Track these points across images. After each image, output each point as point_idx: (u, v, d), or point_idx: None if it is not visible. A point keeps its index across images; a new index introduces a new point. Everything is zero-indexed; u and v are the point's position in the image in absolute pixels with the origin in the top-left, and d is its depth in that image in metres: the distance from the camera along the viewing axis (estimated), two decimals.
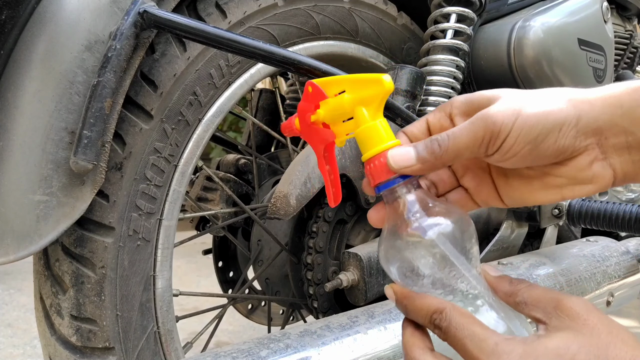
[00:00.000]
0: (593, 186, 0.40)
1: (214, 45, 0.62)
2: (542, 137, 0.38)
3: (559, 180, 0.41)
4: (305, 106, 0.45)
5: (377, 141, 0.42)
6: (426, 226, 0.40)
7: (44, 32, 0.61)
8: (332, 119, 0.44)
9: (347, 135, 0.44)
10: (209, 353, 0.58)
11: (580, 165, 0.39)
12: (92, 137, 0.59)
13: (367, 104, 0.43)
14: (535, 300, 0.39)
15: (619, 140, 0.39)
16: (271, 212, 0.80)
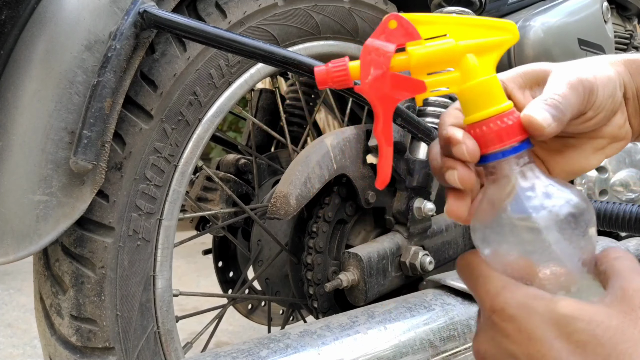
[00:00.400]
0: (624, 142, 0.43)
1: (214, 45, 0.62)
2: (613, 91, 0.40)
3: (603, 141, 0.42)
4: (380, 47, 0.35)
5: (492, 101, 0.34)
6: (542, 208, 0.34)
7: (43, 32, 0.61)
8: (420, 68, 0.36)
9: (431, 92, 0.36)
10: (209, 353, 0.58)
11: (618, 122, 0.42)
12: (92, 137, 0.59)
13: (481, 53, 0.35)
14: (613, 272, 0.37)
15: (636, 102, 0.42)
16: (271, 212, 0.80)
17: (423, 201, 0.91)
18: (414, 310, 0.70)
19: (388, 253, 0.89)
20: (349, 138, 0.88)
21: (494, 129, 0.34)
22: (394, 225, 0.94)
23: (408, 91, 0.36)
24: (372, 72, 0.35)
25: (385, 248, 0.89)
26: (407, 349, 0.65)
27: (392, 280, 0.90)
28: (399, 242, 0.91)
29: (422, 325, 0.68)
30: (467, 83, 0.35)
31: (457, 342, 0.70)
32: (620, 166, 1.29)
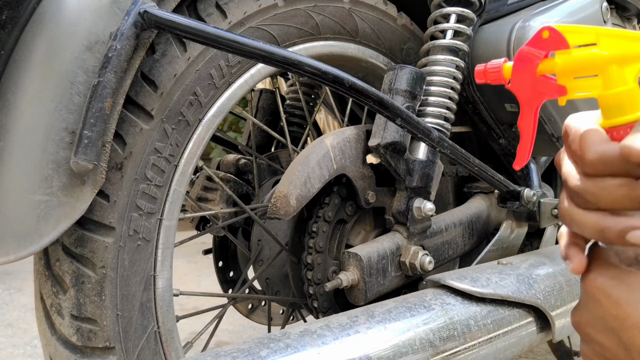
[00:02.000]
0: None
1: (214, 46, 0.62)
2: None
3: None
4: (531, 53, 0.40)
5: (632, 108, 0.37)
6: None
7: (44, 33, 0.61)
8: (566, 73, 0.39)
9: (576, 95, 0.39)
10: (209, 353, 0.58)
11: None
12: (93, 137, 0.60)
13: (624, 64, 0.38)
14: None
15: None
16: (271, 212, 0.80)
17: (423, 201, 0.91)
18: (414, 310, 0.70)
19: (388, 253, 0.89)
20: (349, 138, 0.88)
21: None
22: (393, 225, 0.94)
23: (550, 93, 0.40)
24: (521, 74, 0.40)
25: (385, 248, 0.89)
26: (406, 349, 0.65)
27: (392, 280, 0.90)
28: (399, 241, 0.91)
29: (422, 325, 0.68)
30: (611, 90, 0.38)
31: (457, 342, 0.70)
32: None
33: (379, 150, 0.87)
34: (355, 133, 0.89)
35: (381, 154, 0.88)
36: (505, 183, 0.98)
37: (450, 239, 1.00)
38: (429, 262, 0.89)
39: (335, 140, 0.86)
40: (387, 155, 0.87)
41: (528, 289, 0.82)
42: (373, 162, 0.95)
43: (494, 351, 0.76)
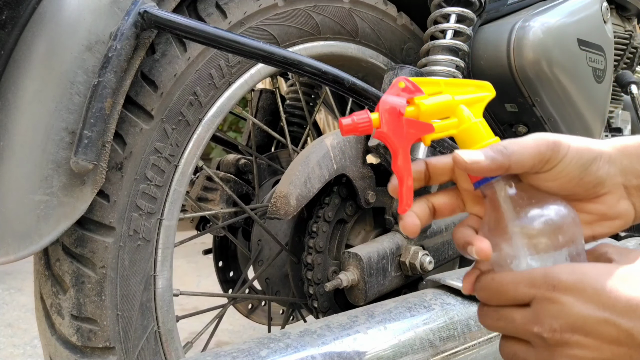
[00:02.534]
0: (620, 222, 0.46)
1: (214, 46, 0.62)
2: (588, 164, 0.43)
3: (590, 217, 0.45)
4: (394, 100, 0.44)
5: (479, 138, 0.44)
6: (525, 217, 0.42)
7: (44, 33, 0.61)
8: (427, 116, 0.45)
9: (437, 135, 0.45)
10: (209, 353, 0.58)
11: (609, 202, 0.45)
12: (93, 137, 0.60)
13: (470, 105, 0.46)
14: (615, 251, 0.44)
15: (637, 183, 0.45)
16: (271, 212, 0.80)
17: None
18: (414, 310, 0.70)
19: (388, 253, 0.89)
20: (349, 138, 0.88)
21: None
22: (393, 225, 0.94)
23: (420, 131, 0.44)
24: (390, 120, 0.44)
25: (385, 248, 0.89)
26: (406, 349, 0.65)
27: (392, 280, 0.90)
28: (399, 241, 0.91)
29: (422, 325, 0.68)
30: (462, 125, 0.45)
31: (457, 342, 0.70)
32: None
33: (379, 150, 0.87)
34: None
35: (381, 154, 0.88)
36: None
37: (450, 238, 1.00)
38: (429, 262, 0.89)
39: (335, 140, 0.86)
40: (387, 155, 0.87)
41: None
42: (373, 162, 0.95)
43: (494, 351, 0.76)
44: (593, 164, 0.43)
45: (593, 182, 0.44)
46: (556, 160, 0.43)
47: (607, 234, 0.46)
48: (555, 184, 0.44)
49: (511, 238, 0.42)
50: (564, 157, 0.43)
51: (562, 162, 0.43)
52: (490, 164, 0.42)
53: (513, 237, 0.42)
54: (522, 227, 0.42)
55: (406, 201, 0.44)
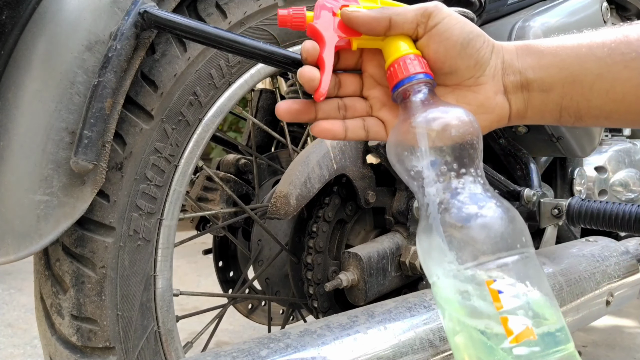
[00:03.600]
0: (494, 115, 0.48)
1: (214, 46, 0.62)
2: (470, 36, 0.46)
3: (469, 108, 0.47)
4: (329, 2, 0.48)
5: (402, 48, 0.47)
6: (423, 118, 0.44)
7: (44, 33, 0.61)
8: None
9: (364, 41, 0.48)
10: (209, 353, 0.58)
11: (487, 92, 0.47)
12: (93, 137, 0.60)
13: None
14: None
15: (515, 79, 0.47)
16: (271, 212, 0.80)
17: None
18: (414, 310, 0.70)
19: (388, 253, 0.89)
20: None
21: (402, 65, 0.46)
22: (393, 225, 0.94)
23: (348, 33, 0.47)
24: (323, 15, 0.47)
25: (385, 248, 0.89)
26: (407, 349, 0.65)
27: (392, 280, 0.90)
28: (399, 241, 0.91)
29: (422, 325, 0.68)
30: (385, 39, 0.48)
31: None
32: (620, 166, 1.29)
33: (379, 150, 0.87)
34: None
35: (381, 154, 0.88)
36: (505, 183, 0.98)
37: None
38: None
39: (335, 141, 0.86)
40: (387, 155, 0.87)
41: None
42: (373, 162, 0.95)
43: None
44: (475, 39, 0.46)
45: (475, 57, 0.46)
46: (440, 17, 0.45)
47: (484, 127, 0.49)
48: (441, 48, 0.46)
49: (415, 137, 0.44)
50: (447, 16, 0.46)
51: (446, 21, 0.46)
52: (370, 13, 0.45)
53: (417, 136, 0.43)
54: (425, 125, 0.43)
55: (323, 87, 0.47)
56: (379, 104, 0.51)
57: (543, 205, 1.01)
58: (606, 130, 1.43)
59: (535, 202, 1.01)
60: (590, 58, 0.46)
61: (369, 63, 0.50)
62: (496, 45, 0.48)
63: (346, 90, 0.51)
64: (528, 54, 0.48)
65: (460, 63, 0.46)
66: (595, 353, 1.70)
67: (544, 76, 0.47)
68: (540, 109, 0.49)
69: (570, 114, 0.48)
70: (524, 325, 0.38)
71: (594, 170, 1.27)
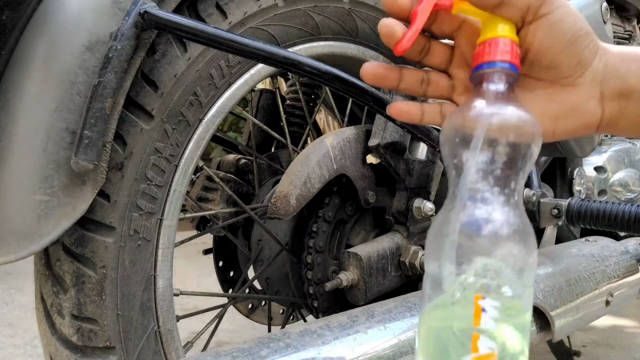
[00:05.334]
0: (584, 121, 0.46)
1: (214, 46, 0.62)
2: (579, 33, 0.43)
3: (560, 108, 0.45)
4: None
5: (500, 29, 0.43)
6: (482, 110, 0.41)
7: (44, 33, 0.61)
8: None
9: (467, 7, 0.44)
10: (209, 352, 0.58)
11: (582, 95, 0.44)
12: (93, 137, 0.60)
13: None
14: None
15: (615, 85, 0.44)
16: (271, 212, 0.80)
17: (423, 201, 0.91)
18: (414, 309, 0.70)
19: (388, 253, 0.89)
20: (349, 138, 0.88)
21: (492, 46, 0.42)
22: (393, 225, 0.94)
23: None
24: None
25: (385, 248, 0.89)
26: (407, 349, 0.65)
27: (392, 280, 0.90)
28: (399, 241, 0.91)
29: None
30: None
31: None
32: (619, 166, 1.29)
33: (379, 150, 0.87)
34: (355, 133, 0.89)
35: (381, 154, 0.88)
36: None
37: None
38: None
39: (335, 140, 0.86)
40: (387, 155, 0.87)
41: None
42: (373, 162, 0.95)
43: None
44: (584, 37, 0.43)
45: (577, 56, 0.43)
46: (554, 6, 0.42)
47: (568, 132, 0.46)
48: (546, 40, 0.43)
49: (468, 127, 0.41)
50: (561, 6, 0.42)
51: (559, 11, 0.42)
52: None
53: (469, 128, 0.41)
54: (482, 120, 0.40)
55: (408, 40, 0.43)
56: (462, 87, 0.48)
57: (543, 205, 1.02)
58: None
59: (535, 202, 1.01)
60: None
61: (465, 38, 0.46)
62: (601, 47, 0.45)
63: (433, 59, 0.47)
64: (634, 59, 0.45)
65: (562, 59, 0.43)
66: (595, 353, 1.70)
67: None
68: (637, 120, 0.46)
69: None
70: (490, 350, 0.37)
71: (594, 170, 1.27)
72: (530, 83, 0.45)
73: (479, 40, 0.44)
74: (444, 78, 0.48)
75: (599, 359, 1.66)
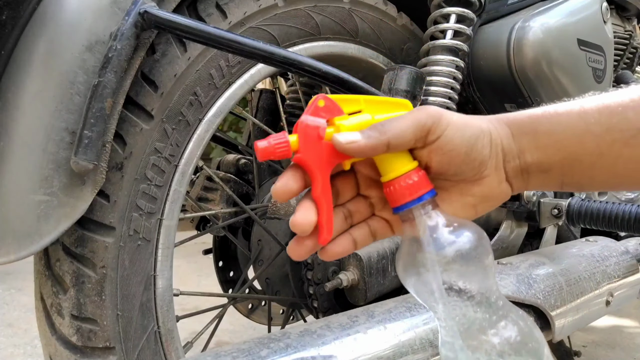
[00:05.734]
0: (497, 202, 0.47)
1: (214, 46, 0.62)
2: (473, 139, 0.44)
3: (474, 199, 0.46)
4: (314, 121, 0.41)
5: (399, 165, 0.43)
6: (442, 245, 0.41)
7: (44, 33, 0.61)
8: None
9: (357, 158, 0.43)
10: (209, 352, 0.58)
11: (491, 184, 0.46)
12: (93, 137, 0.60)
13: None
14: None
15: (515, 164, 0.46)
16: (271, 212, 0.80)
17: None
18: (414, 309, 0.70)
19: (388, 253, 0.89)
20: None
21: (403, 186, 0.42)
22: None
23: (340, 156, 0.42)
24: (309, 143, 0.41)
25: (385, 248, 0.89)
26: (406, 349, 0.65)
27: (392, 280, 0.90)
28: (399, 241, 0.91)
29: (422, 324, 0.68)
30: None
31: None
32: None
33: None
34: None
35: None
36: None
37: None
38: None
39: None
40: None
41: (528, 289, 0.82)
42: None
43: None
44: (476, 142, 0.44)
45: (479, 159, 0.44)
46: (440, 131, 0.43)
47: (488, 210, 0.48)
48: (444, 159, 0.44)
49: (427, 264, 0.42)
50: (447, 127, 0.43)
51: (446, 133, 0.43)
52: (367, 141, 0.41)
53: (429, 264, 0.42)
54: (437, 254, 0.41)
55: (327, 230, 0.43)
56: (381, 203, 0.47)
57: (543, 205, 1.01)
58: None
59: (535, 202, 1.01)
60: (587, 137, 0.44)
61: (360, 165, 0.46)
62: (493, 134, 0.45)
63: (345, 195, 0.47)
64: (523, 134, 0.46)
65: (464, 167, 0.44)
66: (595, 353, 1.70)
67: (542, 158, 0.45)
68: (542, 186, 0.48)
69: (573, 187, 0.47)
70: None
71: None
72: (442, 184, 0.46)
73: (385, 179, 0.43)
74: (361, 200, 0.48)
75: (599, 359, 1.66)
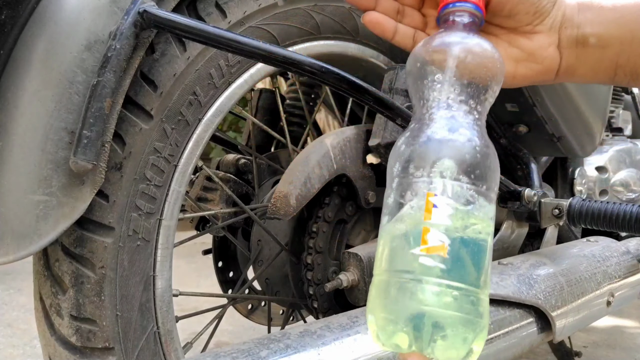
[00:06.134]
0: (542, 67, 0.48)
1: (214, 45, 0.62)
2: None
3: (519, 53, 0.47)
4: None
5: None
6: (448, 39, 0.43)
7: (43, 32, 0.61)
8: None
9: None
10: (209, 353, 0.58)
11: (541, 42, 0.47)
12: (92, 137, 0.59)
13: None
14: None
15: (572, 33, 0.47)
16: (271, 212, 0.80)
17: None
18: None
19: None
20: (349, 138, 0.88)
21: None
22: None
23: None
24: None
25: None
26: None
27: None
28: None
29: None
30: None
31: None
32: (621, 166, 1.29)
33: (379, 150, 0.87)
34: (355, 133, 0.89)
35: (381, 154, 0.88)
36: (506, 183, 0.98)
37: None
38: None
39: (335, 140, 0.86)
40: (387, 155, 0.87)
41: (529, 289, 0.82)
42: (373, 162, 0.95)
43: (495, 351, 0.76)
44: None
45: (535, 5, 0.45)
46: None
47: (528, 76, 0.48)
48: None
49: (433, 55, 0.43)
50: None
51: None
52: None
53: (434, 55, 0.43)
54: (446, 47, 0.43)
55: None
56: (433, 22, 0.50)
57: (544, 206, 1.01)
58: (606, 130, 1.43)
59: (536, 202, 1.01)
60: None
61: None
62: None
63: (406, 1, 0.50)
64: (588, 8, 0.47)
65: (520, 8, 0.45)
66: (596, 353, 1.70)
67: (602, 32, 0.46)
68: (595, 66, 0.48)
69: (626, 72, 0.47)
70: (441, 242, 0.38)
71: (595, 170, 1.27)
72: (493, 30, 0.47)
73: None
74: (417, 14, 0.50)
75: (599, 359, 1.66)
